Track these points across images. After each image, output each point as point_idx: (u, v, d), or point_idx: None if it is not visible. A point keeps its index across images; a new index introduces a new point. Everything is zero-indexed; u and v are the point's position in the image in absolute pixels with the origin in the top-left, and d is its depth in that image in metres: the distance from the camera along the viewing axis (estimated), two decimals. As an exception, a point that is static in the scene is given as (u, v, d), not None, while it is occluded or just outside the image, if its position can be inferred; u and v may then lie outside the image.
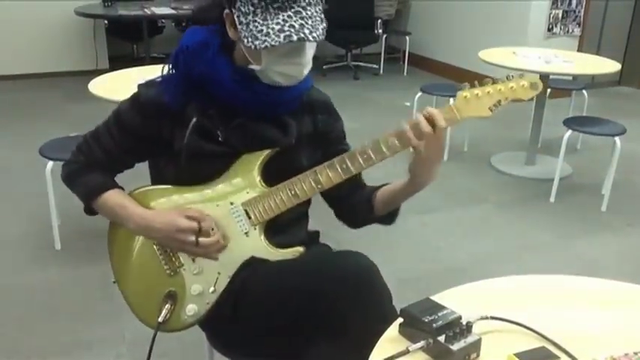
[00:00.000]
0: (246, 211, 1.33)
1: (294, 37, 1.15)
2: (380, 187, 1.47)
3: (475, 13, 6.32)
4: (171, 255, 1.37)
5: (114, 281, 1.44)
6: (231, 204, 1.34)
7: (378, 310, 1.22)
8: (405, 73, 7.03)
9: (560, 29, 5.90)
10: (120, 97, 2.75)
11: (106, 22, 6.29)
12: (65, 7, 6.00)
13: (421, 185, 1.34)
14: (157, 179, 1.45)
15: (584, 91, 4.66)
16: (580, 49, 5.97)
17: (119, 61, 5.90)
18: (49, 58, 6.19)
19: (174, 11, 5.94)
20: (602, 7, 6.27)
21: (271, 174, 1.34)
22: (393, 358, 0.98)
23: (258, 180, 1.33)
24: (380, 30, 6.75)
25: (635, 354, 1.02)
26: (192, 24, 1.36)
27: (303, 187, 1.30)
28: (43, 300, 2.54)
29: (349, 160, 1.29)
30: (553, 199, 3.69)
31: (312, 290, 1.24)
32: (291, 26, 1.16)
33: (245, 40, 1.20)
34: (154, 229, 1.33)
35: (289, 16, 1.17)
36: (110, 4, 6.00)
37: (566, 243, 3.20)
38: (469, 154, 4.46)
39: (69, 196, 1.51)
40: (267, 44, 1.16)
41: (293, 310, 1.28)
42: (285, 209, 1.32)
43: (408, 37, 7.08)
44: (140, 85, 1.38)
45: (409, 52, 7.10)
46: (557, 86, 4.62)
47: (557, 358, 1.00)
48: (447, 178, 3.97)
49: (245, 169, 1.34)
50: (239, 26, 1.20)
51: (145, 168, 1.50)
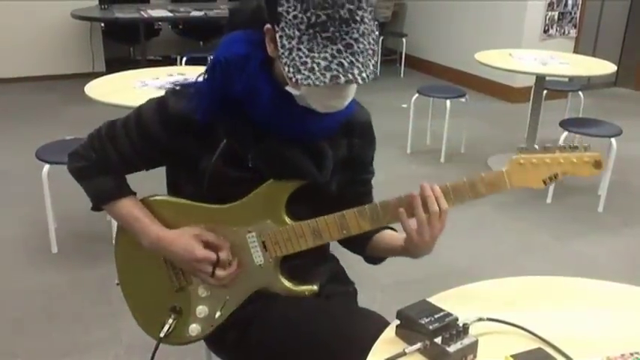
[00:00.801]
0: (264, 243, 1.25)
1: (341, 80, 1.01)
2: (381, 229, 1.37)
3: (471, 14, 6.34)
4: (180, 270, 1.32)
5: (117, 283, 1.40)
6: (249, 232, 1.25)
7: None
8: (402, 74, 7.03)
9: (556, 31, 5.91)
10: (116, 100, 2.81)
11: (103, 24, 6.29)
12: (62, 10, 5.99)
13: (415, 256, 1.26)
14: (174, 189, 1.37)
15: (580, 93, 4.67)
16: (576, 50, 5.99)
17: (116, 64, 5.90)
18: (45, 60, 6.19)
19: (170, 14, 5.94)
20: (597, 8, 6.29)
21: (296, 198, 1.24)
22: (390, 359, 0.98)
23: (282, 212, 1.23)
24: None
25: (632, 355, 1.02)
26: (227, 27, 1.23)
27: (328, 230, 1.21)
28: (39, 303, 2.53)
29: (382, 211, 1.19)
30: (550, 200, 3.70)
31: (322, 345, 1.21)
32: (340, 64, 1.02)
33: (286, 68, 1.05)
34: (169, 252, 1.27)
35: (339, 51, 1.02)
36: (107, 6, 5.99)
37: (563, 243, 3.21)
38: (466, 155, 4.47)
39: (65, 200, 1.50)
40: (310, 82, 1.02)
41: (298, 357, 1.26)
42: (306, 248, 1.24)
43: (404, 39, 7.09)
44: (169, 93, 1.25)
45: (406, 54, 7.11)
46: (554, 88, 4.63)
47: (553, 359, 1.01)
48: (444, 179, 3.95)
49: (270, 197, 1.23)
50: (280, 49, 1.05)
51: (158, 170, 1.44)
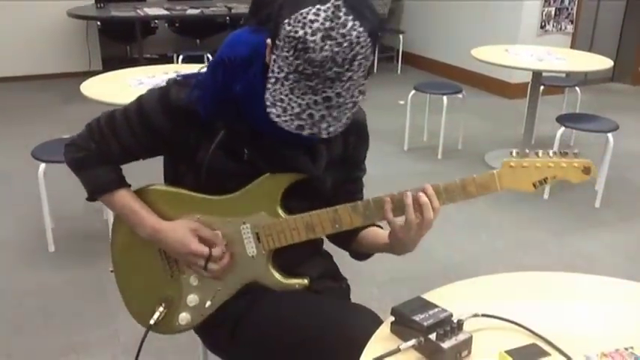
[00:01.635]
0: (257, 235, 1.27)
1: (305, 132, 1.05)
2: (369, 225, 1.37)
3: (468, 11, 6.33)
4: (173, 259, 1.34)
5: (111, 270, 1.41)
6: (244, 223, 1.27)
7: None
8: (399, 71, 7.03)
9: (553, 26, 5.91)
10: (113, 99, 2.80)
11: (99, 23, 6.28)
12: (57, 9, 5.98)
13: (398, 253, 1.28)
14: (173, 179, 1.37)
15: (577, 88, 4.68)
16: (573, 46, 5.99)
17: (112, 62, 5.89)
18: (41, 59, 6.18)
19: (167, 12, 5.93)
20: (594, 4, 6.29)
21: (291, 193, 1.26)
22: (384, 356, 0.98)
23: (277, 205, 1.25)
24: (373, 29, 6.75)
25: (627, 349, 1.03)
26: (244, 19, 1.23)
27: (321, 224, 1.22)
28: (36, 303, 2.53)
29: (374, 207, 1.20)
30: (547, 195, 3.70)
31: (315, 342, 1.21)
32: (310, 116, 1.04)
33: (267, 93, 1.06)
34: (164, 243, 1.28)
35: (315, 102, 1.03)
36: (103, 5, 5.98)
37: (560, 239, 3.21)
38: (463, 151, 4.47)
39: (62, 199, 1.49)
40: (278, 120, 1.04)
41: (289, 354, 1.26)
42: (299, 241, 1.25)
43: (401, 36, 7.08)
44: (171, 83, 1.25)
45: (403, 51, 7.11)
46: (550, 83, 4.64)
47: (548, 355, 1.01)
48: (441, 175, 3.97)
49: (266, 190, 1.25)
50: (270, 72, 1.06)
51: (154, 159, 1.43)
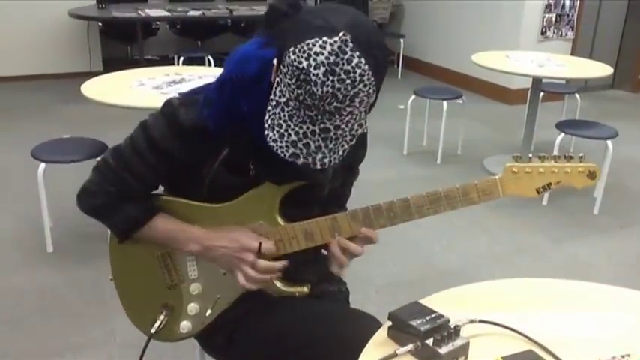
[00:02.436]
0: None
1: (299, 161, 1.03)
2: None
3: (469, 16, 6.35)
4: (173, 268, 1.33)
5: (111, 278, 1.41)
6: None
7: None
8: (400, 75, 7.04)
9: (554, 33, 5.93)
10: (113, 100, 2.80)
11: (100, 23, 6.29)
12: (59, 9, 5.99)
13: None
14: (171, 188, 1.35)
15: (576, 95, 4.68)
16: (573, 52, 6.01)
17: (113, 63, 5.89)
18: (42, 59, 6.18)
19: (168, 13, 5.94)
20: (595, 10, 6.31)
21: (289, 199, 1.24)
22: (381, 361, 0.98)
23: (276, 213, 1.23)
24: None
25: (623, 357, 1.03)
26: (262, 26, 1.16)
27: (320, 232, 1.21)
28: (34, 302, 2.53)
29: (374, 214, 1.19)
30: (545, 202, 3.71)
31: (313, 347, 1.21)
32: (306, 145, 1.02)
33: (267, 115, 1.05)
34: (212, 250, 1.24)
35: (312, 132, 1.01)
36: (104, 5, 5.99)
37: (558, 246, 3.22)
38: (462, 156, 4.48)
39: (61, 199, 1.50)
40: (274, 146, 1.03)
41: (287, 359, 1.26)
42: (298, 249, 1.24)
43: (402, 40, 7.09)
44: (176, 104, 1.19)
45: (403, 55, 7.12)
46: (550, 90, 4.64)
47: (544, 361, 1.01)
48: (440, 180, 3.98)
49: (265, 197, 1.23)
50: (272, 94, 1.05)
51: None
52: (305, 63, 0.96)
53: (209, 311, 1.32)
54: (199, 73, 3.32)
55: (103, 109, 2.89)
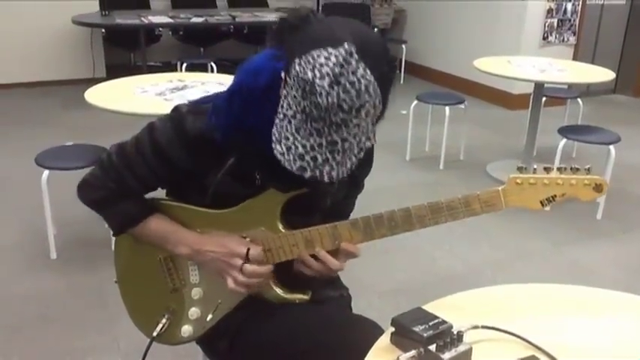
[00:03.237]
0: None
1: (307, 174, 1.03)
2: None
3: (471, 21, 6.36)
4: (174, 272, 1.34)
5: (115, 281, 1.42)
6: (243, 237, 1.26)
7: None
8: (402, 81, 7.05)
9: (556, 38, 5.93)
10: (116, 106, 2.81)
11: (104, 30, 6.31)
12: (62, 16, 6.01)
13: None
14: (173, 193, 1.36)
15: (579, 100, 4.68)
16: (575, 57, 6.01)
17: (116, 70, 5.91)
18: (46, 66, 6.20)
19: (171, 20, 5.96)
20: (597, 15, 6.31)
21: (291, 207, 1.23)
22: (384, 367, 0.98)
23: (277, 220, 1.23)
24: (376, 38, 6.77)
25: (626, 363, 1.03)
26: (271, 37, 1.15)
27: (321, 240, 1.20)
28: (37, 309, 2.53)
29: (375, 223, 1.18)
30: (548, 207, 3.70)
31: (315, 353, 1.21)
32: (314, 158, 1.01)
33: (275, 128, 1.04)
34: (202, 254, 1.25)
35: (320, 145, 1.01)
36: (107, 12, 6.01)
37: (561, 251, 3.21)
38: (465, 162, 4.48)
39: (64, 205, 1.51)
40: (281, 159, 1.03)
41: None
42: (298, 256, 1.24)
43: (404, 46, 7.10)
44: (185, 112, 1.20)
45: (405, 61, 7.13)
46: (552, 95, 4.64)
47: (547, 367, 1.01)
48: (442, 186, 3.98)
49: (267, 204, 1.23)
50: (280, 107, 1.04)
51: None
52: (310, 74, 0.96)
53: (210, 316, 1.32)
54: (202, 79, 3.33)
55: (106, 115, 2.90)
